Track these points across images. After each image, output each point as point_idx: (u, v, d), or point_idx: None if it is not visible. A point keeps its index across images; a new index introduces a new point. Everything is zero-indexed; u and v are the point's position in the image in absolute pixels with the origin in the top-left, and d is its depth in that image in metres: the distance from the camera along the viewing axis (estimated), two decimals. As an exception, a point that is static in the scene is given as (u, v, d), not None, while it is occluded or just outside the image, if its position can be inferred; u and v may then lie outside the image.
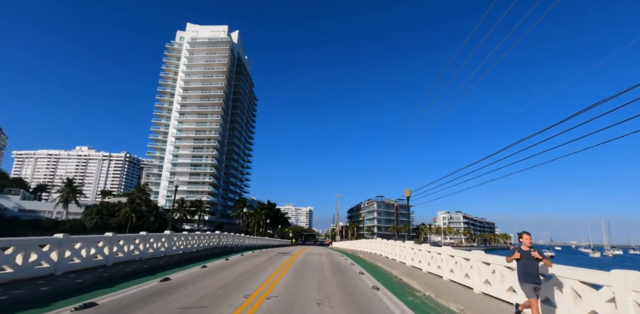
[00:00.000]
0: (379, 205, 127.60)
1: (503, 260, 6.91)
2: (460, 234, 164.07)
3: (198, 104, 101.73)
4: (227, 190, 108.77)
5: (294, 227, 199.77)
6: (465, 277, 9.45)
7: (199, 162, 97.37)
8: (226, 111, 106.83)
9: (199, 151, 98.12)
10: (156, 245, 15.18)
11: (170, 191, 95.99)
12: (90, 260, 10.45)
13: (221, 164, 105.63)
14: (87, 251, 10.34)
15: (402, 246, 17.43)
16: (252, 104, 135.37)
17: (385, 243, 22.67)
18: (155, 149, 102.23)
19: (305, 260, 19.74)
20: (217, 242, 25.85)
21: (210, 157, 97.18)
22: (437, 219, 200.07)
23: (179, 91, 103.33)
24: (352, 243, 45.51)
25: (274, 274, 12.11)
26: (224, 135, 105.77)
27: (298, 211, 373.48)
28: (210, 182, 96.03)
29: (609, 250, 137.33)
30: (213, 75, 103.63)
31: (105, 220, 73.03)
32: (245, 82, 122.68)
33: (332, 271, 13.88)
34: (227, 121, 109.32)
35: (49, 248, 8.83)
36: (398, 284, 10.84)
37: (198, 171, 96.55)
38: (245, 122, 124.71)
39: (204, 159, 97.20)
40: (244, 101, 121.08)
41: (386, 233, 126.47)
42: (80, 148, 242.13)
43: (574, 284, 5.42)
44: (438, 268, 11.61)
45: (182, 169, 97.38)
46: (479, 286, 8.55)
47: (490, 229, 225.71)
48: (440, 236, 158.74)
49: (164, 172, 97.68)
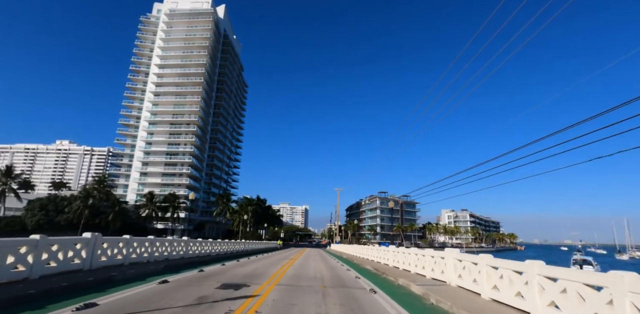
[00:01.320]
0: (382, 202, 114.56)
1: None
2: (467, 234, 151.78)
3: (176, 83, 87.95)
4: (210, 184, 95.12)
5: (288, 227, 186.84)
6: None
7: (176, 151, 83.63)
8: (209, 93, 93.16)
9: (176, 138, 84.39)
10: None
11: (142, 184, 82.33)
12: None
13: (203, 154, 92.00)
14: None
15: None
16: (241, 89, 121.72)
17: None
18: (126, 135, 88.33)
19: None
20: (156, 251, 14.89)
21: (190, 145, 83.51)
22: (440, 218, 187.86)
23: (154, 69, 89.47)
24: (356, 248, 34.68)
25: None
26: (206, 121, 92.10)
27: (293, 209, 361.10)
28: (189, 173, 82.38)
29: (632, 251, 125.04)
30: (194, 51, 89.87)
31: (52, 217, 59.18)
32: (233, 64, 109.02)
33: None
34: (211, 105, 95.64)
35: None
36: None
37: (175, 161, 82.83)
38: (233, 109, 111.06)
39: (182, 147, 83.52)
40: (231, 85, 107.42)
41: (390, 233, 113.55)
42: (61, 142, 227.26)
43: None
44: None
45: (156, 158, 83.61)
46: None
47: (495, 229, 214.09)
48: (446, 236, 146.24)
49: (135, 163, 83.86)
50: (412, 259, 14.88)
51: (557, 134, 10.69)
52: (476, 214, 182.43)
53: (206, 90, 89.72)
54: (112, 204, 63.43)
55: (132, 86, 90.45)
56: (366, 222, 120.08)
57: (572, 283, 5.43)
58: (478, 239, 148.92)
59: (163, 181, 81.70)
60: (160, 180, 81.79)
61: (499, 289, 7.68)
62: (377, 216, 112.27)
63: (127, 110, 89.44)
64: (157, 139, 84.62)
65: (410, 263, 15.06)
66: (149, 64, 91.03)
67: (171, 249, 17.15)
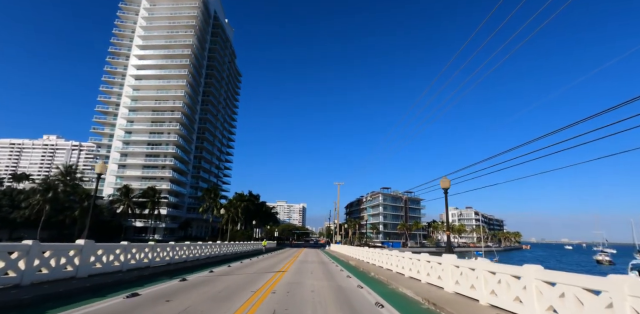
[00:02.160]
0: (385, 198, 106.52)
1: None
2: (474, 232, 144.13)
3: (160, 65, 79.44)
4: (198, 178, 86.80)
5: (285, 225, 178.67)
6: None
7: (159, 140, 75.23)
8: (197, 78, 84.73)
9: (159, 126, 75.98)
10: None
11: (121, 178, 73.96)
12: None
13: (190, 145, 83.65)
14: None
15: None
16: (233, 78, 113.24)
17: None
18: (104, 124, 79.87)
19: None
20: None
21: (174, 134, 75.10)
22: (443, 216, 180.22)
23: (135, 50, 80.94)
24: (361, 251, 28.48)
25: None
26: (193, 109, 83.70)
27: (291, 208, 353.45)
28: (173, 165, 74.03)
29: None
30: (179, 31, 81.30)
31: (6, 213, 50.84)
32: (224, 49, 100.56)
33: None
34: (199, 92, 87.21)
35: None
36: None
37: (157, 151, 74.46)
38: (224, 98, 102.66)
39: (166, 136, 75.10)
40: (222, 71, 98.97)
41: (393, 232, 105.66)
42: (48, 137, 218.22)
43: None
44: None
45: (136, 148, 75.21)
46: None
47: (499, 227, 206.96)
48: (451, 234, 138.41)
49: (113, 154, 75.42)
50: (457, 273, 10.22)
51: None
52: (480, 212, 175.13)
53: (193, 74, 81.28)
54: (80, 199, 55.10)
55: (112, 70, 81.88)
56: (368, 220, 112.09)
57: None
58: (485, 238, 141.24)
59: (144, 174, 73.36)
60: (141, 173, 73.45)
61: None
62: (380, 214, 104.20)
63: (106, 96, 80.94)
64: (137, 127, 76.22)
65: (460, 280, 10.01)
66: (130, 45, 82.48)
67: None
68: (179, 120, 75.78)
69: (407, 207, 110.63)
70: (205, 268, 16.64)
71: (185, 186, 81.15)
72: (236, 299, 8.30)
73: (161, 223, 69.12)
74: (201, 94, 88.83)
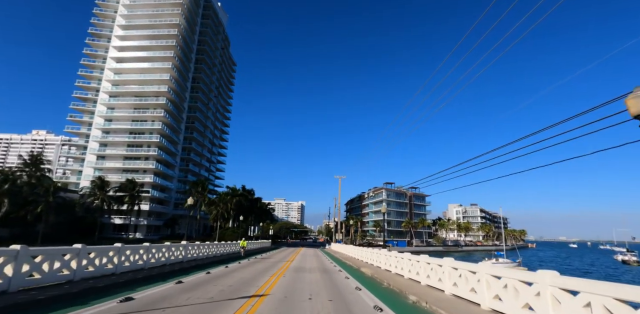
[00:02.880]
0: (389, 194, 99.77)
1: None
2: (480, 230, 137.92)
3: (143, 47, 72.30)
4: (186, 171, 79.87)
5: (282, 223, 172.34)
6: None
7: (142, 128, 68.26)
8: (185, 63, 77.64)
9: (142, 112, 68.95)
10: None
11: (99, 170, 67.05)
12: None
13: (178, 135, 76.71)
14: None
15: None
16: (227, 66, 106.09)
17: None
18: (83, 111, 72.84)
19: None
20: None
21: (158, 122, 68.09)
22: (447, 213, 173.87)
23: (117, 31, 73.80)
24: (369, 253, 23.75)
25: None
26: (181, 96, 76.70)
27: (289, 205, 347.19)
28: (157, 156, 67.08)
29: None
30: (165, 9, 74.04)
31: (-45, 208, 43.89)
32: (216, 34, 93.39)
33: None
34: (188, 78, 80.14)
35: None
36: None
37: (140, 141, 67.49)
38: (216, 87, 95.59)
39: (149, 124, 68.09)
40: (214, 58, 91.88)
41: (398, 229, 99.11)
42: (37, 132, 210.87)
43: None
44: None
45: (117, 137, 68.23)
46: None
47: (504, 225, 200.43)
48: (457, 233, 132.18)
49: (92, 143, 68.47)
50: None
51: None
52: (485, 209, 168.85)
53: (180, 58, 74.20)
54: (46, 193, 48.13)
55: (92, 52, 74.69)
56: (369, 217, 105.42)
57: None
58: (491, 236, 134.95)
59: (125, 166, 66.43)
60: (122, 164, 66.50)
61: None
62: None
63: (85, 81, 73.83)
64: (119, 114, 69.17)
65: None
66: (112, 26, 75.26)
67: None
68: (164, 106, 68.77)
69: (411, 203, 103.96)
70: (120, 293, 9.75)
71: (172, 179, 74.25)
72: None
73: (143, 220, 62.28)
74: (190, 80, 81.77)
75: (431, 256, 12.45)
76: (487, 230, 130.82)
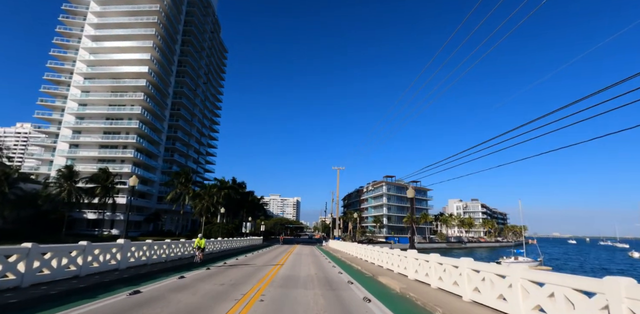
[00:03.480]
0: (389, 188, 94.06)
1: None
2: (483, 226, 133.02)
3: (122, 24, 65.38)
4: (172, 162, 73.43)
5: (277, 219, 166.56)
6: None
7: (120, 113, 61.67)
8: (169, 44, 70.90)
9: (120, 96, 62.31)
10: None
11: (73, 159, 60.48)
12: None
13: (162, 123, 70.20)
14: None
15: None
16: (217, 51, 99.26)
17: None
18: (55, 96, 66.09)
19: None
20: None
21: (138, 106, 61.50)
22: (447, 208, 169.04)
23: (93, 6, 66.81)
24: (379, 254, 19.70)
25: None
26: (165, 80, 70.06)
27: (284, 201, 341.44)
28: (137, 144, 60.58)
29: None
30: (146, -17, 67.16)
31: None
32: (205, 15, 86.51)
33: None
34: (173, 61, 73.46)
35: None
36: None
37: (117, 127, 60.94)
38: (206, 72, 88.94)
39: (129, 108, 61.48)
40: (202, 41, 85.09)
41: (399, 225, 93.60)
42: (22, 125, 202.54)
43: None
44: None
45: (92, 124, 61.58)
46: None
47: (503, 220, 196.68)
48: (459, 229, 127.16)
49: (64, 130, 61.84)
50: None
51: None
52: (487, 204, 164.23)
53: (163, 37, 67.47)
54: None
55: (66, 31, 67.68)
56: (369, 212, 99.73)
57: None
58: (493, 232, 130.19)
59: (101, 155, 59.89)
60: (97, 153, 59.96)
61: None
62: (384, 205, 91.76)
63: (59, 62, 66.96)
64: (94, 98, 62.47)
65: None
66: (88, 3, 68.28)
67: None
68: (144, 89, 62.15)
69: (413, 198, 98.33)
70: None
71: (154, 171, 67.84)
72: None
73: (119, 215, 55.96)
74: (176, 64, 75.10)
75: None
76: (490, 226, 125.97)
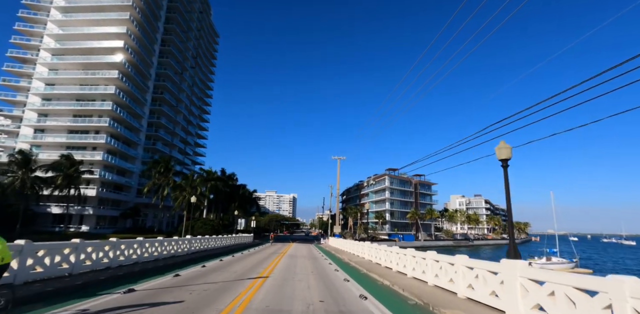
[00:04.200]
0: (392, 181, 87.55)
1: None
2: (488, 223, 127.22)
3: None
4: (154, 151, 66.21)
5: (273, 215, 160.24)
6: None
7: (91, 94, 54.38)
8: (150, 19, 63.43)
9: (91, 74, 54.98)
10: None
11: (38, 146, 53.21)
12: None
13: (142, 107, 62.96)
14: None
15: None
16: (207, 34, 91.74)
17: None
18: (20, 75, 58.66)
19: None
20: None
21: (112, 85, 54.22)
22: (449, 204, 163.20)
23: (63, -25, 59.27)
24: (397, 255, 14.61)
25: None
26: (146, 61, 62.70)
27: (280, 198, 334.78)
28: (110, 129, 53.36)
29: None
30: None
31: None
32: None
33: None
34: (155, 40, 66.07)
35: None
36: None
37: (89, 109, 53.66)
38: (194, 55, 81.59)
39: (102, 88, 54.23)
40: (189, 20, 77.72)
41: (402, 221, 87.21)
42: None
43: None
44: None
45: (60, 106, 54.23)
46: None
47: (504, 217, 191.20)
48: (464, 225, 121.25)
49: (28, 113, 54.46)
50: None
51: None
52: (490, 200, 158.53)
53: (142, 9, 60.00)
54: None
55: (32, 3, 60.03)
56: (370, 207, 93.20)
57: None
58: (499, 229, 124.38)
59: (70, 141, 52.62)
60: (66, 139, 52.69)
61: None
62: (386, 200, 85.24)
63: (24, 38, 59.43)
64: (63, 76, 55.01)
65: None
66: (59, -29, 60.60)
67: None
68: (120, 67, 54.82)
69: (417, 192, 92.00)
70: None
71: (133, 160, 60.70)
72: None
73: (88, 208, 48.90)
74: (159, 43, 67.76)
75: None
76: (496, 222, 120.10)
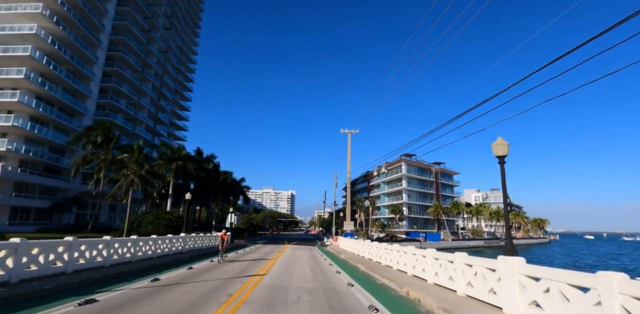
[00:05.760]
0: (409, 169, 72.43)
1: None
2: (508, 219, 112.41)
3: None
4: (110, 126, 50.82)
5: (268, 212, 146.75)
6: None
7: (6, 36, 38.94)
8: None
9: (6, 10, 39.50)
10: None
11: None
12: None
13: (90, 65, 47.60)
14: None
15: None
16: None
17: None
18: None
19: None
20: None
21: (34, 24, 38.73)
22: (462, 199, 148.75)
23: None
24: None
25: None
26: (95, 4, 47.28)
27: (278, 195, 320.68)
28: (32, 86, 38.02)
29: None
30: None
31: None
32: None
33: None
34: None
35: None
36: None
37: (1, 56, 38.28)
38: (168, 14, 66.31)
39: (22, 27, 38.76)
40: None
41: (422, 217, 72.21)
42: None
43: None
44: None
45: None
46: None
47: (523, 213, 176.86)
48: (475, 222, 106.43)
49: None
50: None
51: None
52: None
53: None
54: None
55: None
56: (381, 201, 78.07)
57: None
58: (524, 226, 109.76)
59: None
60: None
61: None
62: (403, 191, 70.10)
63: None
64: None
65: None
66: None
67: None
68: (53, 6, 39.37)
69: (438, 182, 76.95)
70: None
71: (74, 133, 45.40)
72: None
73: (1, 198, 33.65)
74: (117, -14, 52.34)
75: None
76: (523, 219, 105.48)
